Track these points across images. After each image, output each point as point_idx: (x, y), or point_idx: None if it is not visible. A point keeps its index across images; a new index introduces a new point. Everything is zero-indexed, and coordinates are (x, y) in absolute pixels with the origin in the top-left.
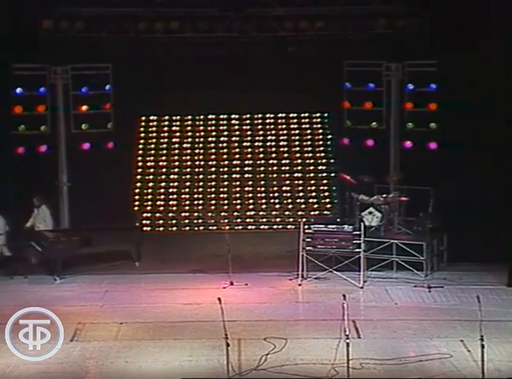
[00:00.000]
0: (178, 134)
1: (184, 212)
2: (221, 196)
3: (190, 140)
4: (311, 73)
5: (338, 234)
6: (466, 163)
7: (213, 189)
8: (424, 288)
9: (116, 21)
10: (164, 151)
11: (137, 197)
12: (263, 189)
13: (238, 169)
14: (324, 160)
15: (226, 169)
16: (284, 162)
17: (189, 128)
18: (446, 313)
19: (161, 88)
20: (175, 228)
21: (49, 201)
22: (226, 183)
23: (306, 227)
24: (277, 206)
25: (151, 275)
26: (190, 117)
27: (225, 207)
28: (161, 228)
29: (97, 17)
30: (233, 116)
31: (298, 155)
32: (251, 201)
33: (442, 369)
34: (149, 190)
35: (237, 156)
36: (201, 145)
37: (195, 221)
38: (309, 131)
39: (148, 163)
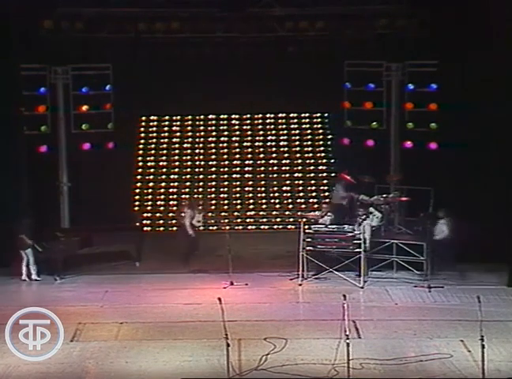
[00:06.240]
0: (178, 134)
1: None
2: (221, 196)
3: (190, 140)
4: (311, 73)
5: (338, 234)
6: (466, 163)
7: (213, 189)
8: (424, 288)
9: (116, 21)
10: (164, 151)
11: (137, 197)
12: (263, 189)
13: (238, 169)
14: (324, 160)
15: (226, 169)
16: (284, 162)
17: (189, 128)
18: (446, 313)
19: (161, 88)
20: (175, 228)
21: (49, 201)
22: (226, 183)
23: (306, 227)
24: (277, 206)
25: (151, 275)
26: (190, 117)
27: (225, 207)
28: (161, 228)
29: (97, 17)
30: (233, 116)
31: (298, 155)
32: (251, 201)
33: (442, 369)
34: (149, 190)
35: (237, 156)
36: (201, 145)
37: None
38: (309, 131)
39: (149, 163)
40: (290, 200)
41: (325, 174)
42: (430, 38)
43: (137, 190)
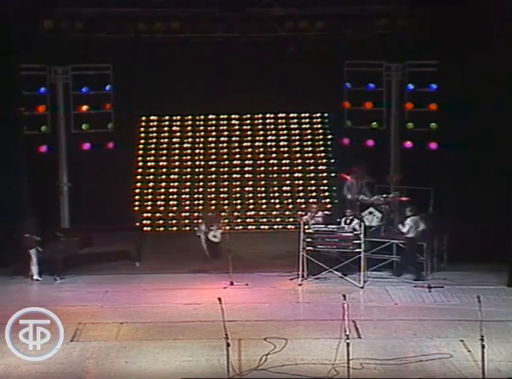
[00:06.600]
0: (178, 134)
1: (184, 212)
2: (221, 196)
3: (190, 140)
4: (311, 74)
5: (338, 234)
6: (466, 163)
7: (213, 189)
8: (424, 288)
9: (116, 21)
10: (164, 151)
11: (137, 197)
12: (263, 189)
13: (238, 169)
14: (324, 160)
15: (226, 169)
16: (284, 162)
17: (189, 128)
18: (446, 313)
19: (161, 88)
20: (175, 228)
21: (49, 201)
22: (226, 183)
23: (306, 226)
24: (277, 206)
25: (151, 275)
26: (190, 117)
27: (225, 207)
28: (161, 228)
29: (97, 17)
30: (233, 116)
31: (298, 155)
32: (251, 201)
33: (442, 369)
34: (149, 190)
35: (237, 156)
36: (201, 145)
37: (195, 221)
38: (309, 131)
39: (149, 163)
40: (290, 200)
41: (325, 174)
42: (430, 38)
43: (137, 190)
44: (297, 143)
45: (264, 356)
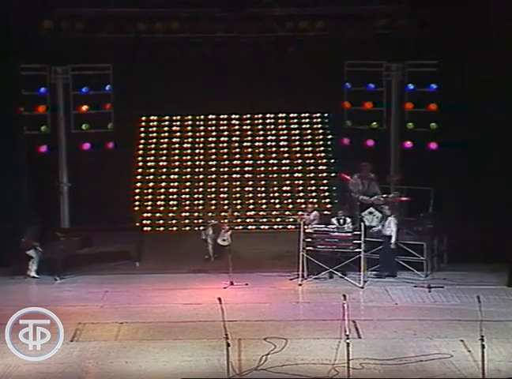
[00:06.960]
0: (178, 134)
1: (184, 212)
2: (221, 196)
3: (190, 140)
4: (311, 74)
5: (338, 235)
6: (466, 163)
7: (213, 189)
8: (424, 288)
9: (116, 21)
10: (164, 152)
11: (137, 197)
12: (263, 189)
13: (238, 169)
14: (324, 160)
15: (226, 169)
16: (284, 162)
17: (189, 128)
18: (446, 313)
19: (161, 88)
20: (175, 228)
21: (49, 201)
22: (226, 183)
23: (306, 226)
24: (277, 206)
25: (151, 275)
26: (190, 117)
27: (225, 207)
28: (161, 228)
29: (97, 17)
30: (233, 116)
31: (298, 155)
32: (251, 201)
33: (442, 369)
34: (149, 190)
35: (237, 156)
36: (201, 145)
37: (195, 221)
38: (309, 131)
39: (149, 163)
40: (290, 200)
41: (325, 174)
42: (430, 38)
43: (137, 190)
44: (297, 143)
45: (264, 356)
